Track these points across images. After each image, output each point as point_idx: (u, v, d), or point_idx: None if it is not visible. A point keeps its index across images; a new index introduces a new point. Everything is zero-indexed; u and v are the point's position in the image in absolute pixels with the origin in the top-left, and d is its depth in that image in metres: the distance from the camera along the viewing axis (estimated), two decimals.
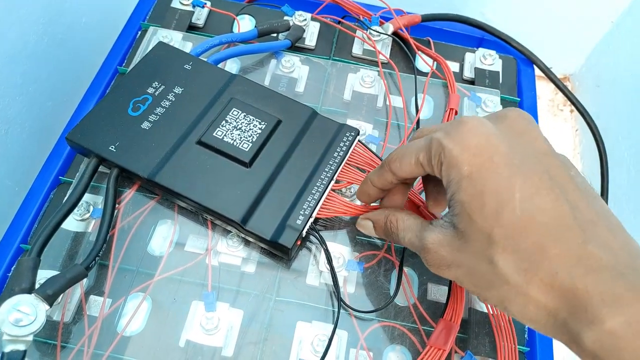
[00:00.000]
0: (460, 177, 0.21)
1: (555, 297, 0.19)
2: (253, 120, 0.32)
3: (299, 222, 0.29)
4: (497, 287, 0.21)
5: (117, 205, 0.31)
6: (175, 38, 0.39)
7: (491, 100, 0.39)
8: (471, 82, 0.41)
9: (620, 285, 0.18)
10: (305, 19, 0.41)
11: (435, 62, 0.41)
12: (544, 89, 0.76)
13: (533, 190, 0.20)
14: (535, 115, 0.41)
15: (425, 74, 0.41)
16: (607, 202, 0.45)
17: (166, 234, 0.31)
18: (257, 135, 0.32)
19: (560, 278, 0.19)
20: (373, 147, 0.36)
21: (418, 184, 0.32)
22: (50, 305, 0.25)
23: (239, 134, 0.32)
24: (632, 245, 0.20)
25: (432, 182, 0.28)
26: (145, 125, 0.32)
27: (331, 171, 0.31)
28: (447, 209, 0.24)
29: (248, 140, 0.31)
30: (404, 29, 0.41)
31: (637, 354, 0.17)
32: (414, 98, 0.39)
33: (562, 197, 0.20)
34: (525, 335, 0.31)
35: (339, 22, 0.42)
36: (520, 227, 0.20)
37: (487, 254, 0.21)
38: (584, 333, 0.18)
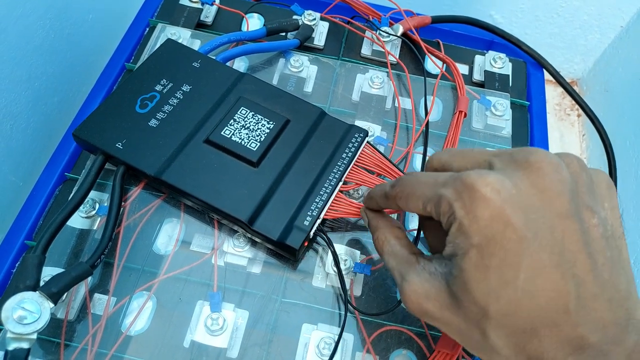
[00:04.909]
0: (469, 246, 0.20)
1: None
2: (261, 119, 0.32)
3: (306, 223, 0.29)
4: (487, 354, 0.21)
5: (123, 203, 0.31)
6: (183, 35, 0.39)
7: (501, 104, 0.38)
8: (481, 84, 0.41)
9: None
10: (315, 19, 0.41)
11: (444, 64, 0.41)
12: (551, 93, 0.76)
13: (538, 270, 0.19)
14: (543, 118, 0.41)
15: (434, 76, 0.40)
16: None
17: (172, 232, 0.31)
18: (265, 134, 0.31)
19: (546, 358, 0.20)
20: (381, 149, 0.35)
21: None
22: (55, 303, 0.24)
23: (247, 133, 0.31)
24: (630, 310, 0.20)
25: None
26: (153, 122, 0.32)
27: (339, 172, 0.31)
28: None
29: (256, 140, 0.31)
30: (413, 30, 0.41)
31: None
32: (423, 100, 0.38)
33: (569, 274, 0.19)
34: None
35: (348, 22, 0.42)
36: (517, 307, 0.20)
37: (480, 325, 0.20)
38: None
